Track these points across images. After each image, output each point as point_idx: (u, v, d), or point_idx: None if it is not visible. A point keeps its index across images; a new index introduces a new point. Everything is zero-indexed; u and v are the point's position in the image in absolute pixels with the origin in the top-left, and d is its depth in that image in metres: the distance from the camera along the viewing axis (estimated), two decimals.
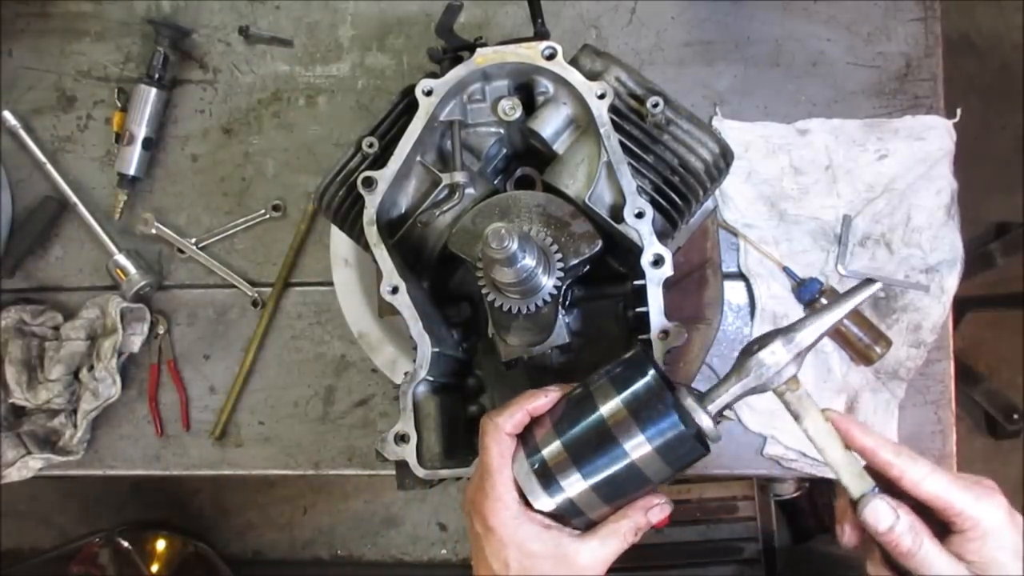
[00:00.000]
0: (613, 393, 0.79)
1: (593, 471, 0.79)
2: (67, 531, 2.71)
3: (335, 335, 1.41)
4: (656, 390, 0.78)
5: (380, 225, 0.98)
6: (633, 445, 0.77)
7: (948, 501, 0.72)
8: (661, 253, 0.94)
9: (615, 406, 0.79)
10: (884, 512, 0.72)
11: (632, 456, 0.77)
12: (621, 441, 0.77)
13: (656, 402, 0.78)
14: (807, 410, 0.76)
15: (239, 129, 1.46)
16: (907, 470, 0.74)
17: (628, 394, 0.79)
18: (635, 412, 0.78)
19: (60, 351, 1.38)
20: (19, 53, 1.50)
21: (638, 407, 0.78)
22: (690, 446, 0.77)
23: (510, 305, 0.96)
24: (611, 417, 0.79)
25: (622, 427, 0.78)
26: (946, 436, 1.31)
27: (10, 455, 1.36)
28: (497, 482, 0.82)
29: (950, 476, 0.74)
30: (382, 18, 1.44)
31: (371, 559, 2.75)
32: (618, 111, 1.00)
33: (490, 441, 0.83)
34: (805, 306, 1.30)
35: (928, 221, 1.30)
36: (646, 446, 0.77)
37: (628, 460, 0.78)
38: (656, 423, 0.77)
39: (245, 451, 1.43)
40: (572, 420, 0.81)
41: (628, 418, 0.78)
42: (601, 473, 0.79)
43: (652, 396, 0.78)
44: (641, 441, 0.77)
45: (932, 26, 1.36)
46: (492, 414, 0.85)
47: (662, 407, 0.77)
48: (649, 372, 0.79)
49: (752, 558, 2.02)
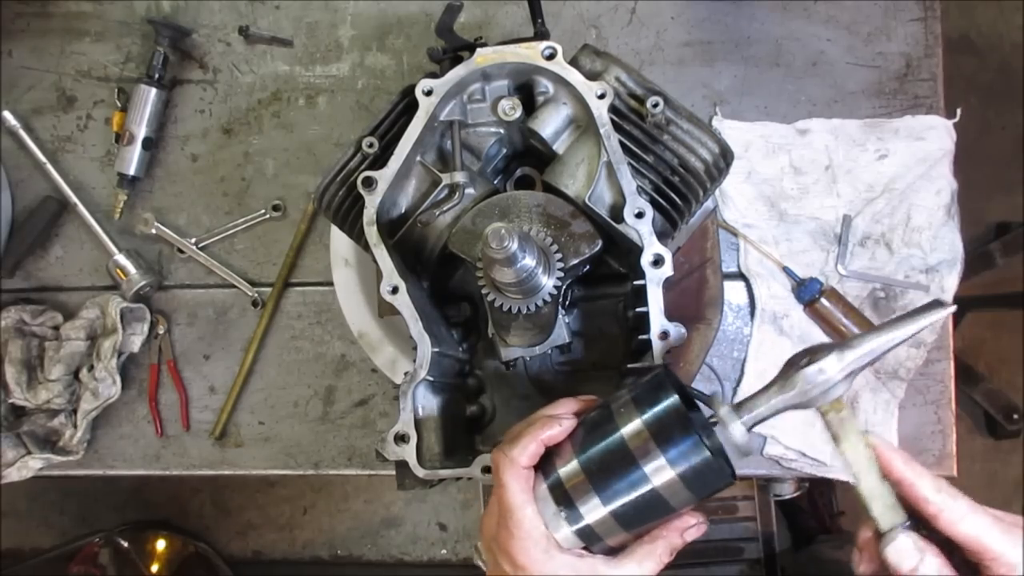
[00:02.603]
0: (635, 415, 0.76)
1: (614, 497, 0.76)
2: (67, 531, 2.71)
3: (335, 335, 1.41)
4: (678, 411, 0.74)
5: (380, 225, 0.98)
6: (655, 470, 0.74)
7: (985, 544, 0.68)
8: (661, 253, 0.94)
9: (635, 426, 0.75)
10: (908, 552, 0.68)
11: (655, 483, 0.74)
12: (643, 467, 0.74)
13: (681, 425, 0.74)
14: (848, 433, 0.72)
15: (239, 129, 1.46)
16: (945, 508, 0.69)
17: (651, 419, 0.75)
18: (657, 436, 0.74)
19: (60, 351, 1.38)
20: (19, 53, 1.50)
21: (661, 432, 0.74)
22: (716, 473, 0.73)
23: (510, 305, 0.96)
24: (630, 436, 0.75)
25: (644, 452, 0.74)
26: (946, 436, 1.31)
27: (10, 455, 1.36)
28: (521, 519, 0.78)
29: (989, 518, 0.69)
30: (382, 18, 1.44)
31: (371, 559, 2.76)
32: (618, 111, 1.00)
33: (508, 478, 0.79)
34: (805, 306, 1.30)
35: (928, 221, 1.30)
36: (669, 472, 0.74)
37: (651, 487, 0.75)
38: (678, 443, 0.73)
39: (245, 451, 1.43)
40: (592, 438, 0.77)
41: (651, 443, 0.74)
42: (622, 500, 0.76)
43: (675, 418, 0.74)
44: (664, 467, 0.74)
45: (932, 26, 1.36)
46: (505, 448, 0.81)
47: (685, 430, 0.73)
48: (673, 394, 0.75)
49: (752, 558, 2.02)
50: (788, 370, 0.73)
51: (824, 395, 0.71)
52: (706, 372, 1.31)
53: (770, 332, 1.32)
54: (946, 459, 1.31)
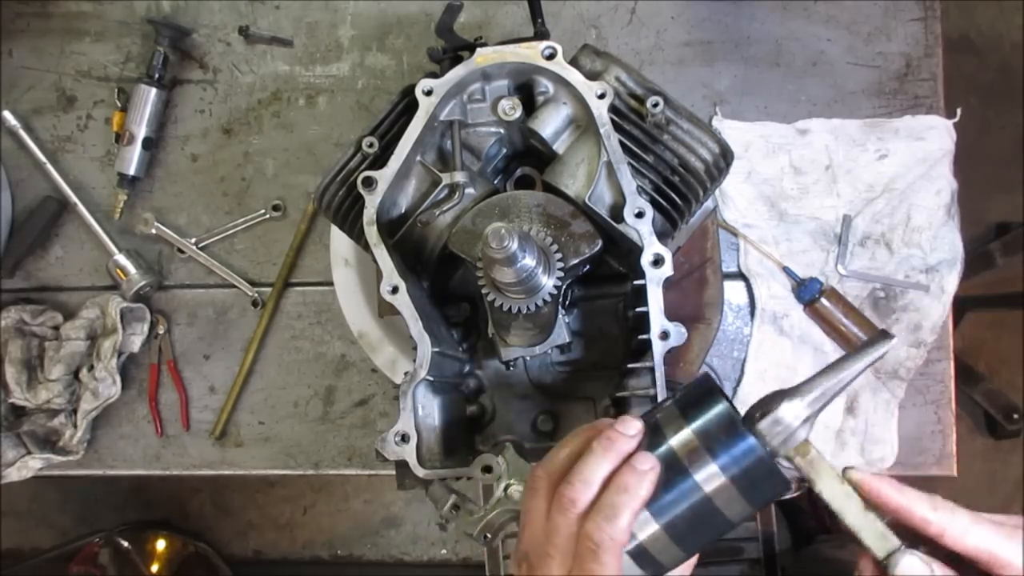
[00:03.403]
0: (683, 423, 0.72)
1: (665, 511, 0.72)
2: (67, 531, 2.71)
3: (335, 335, 1.41)
4: (729, 416, 0.71)
5: (380, 225, 0.98)
6: (707, 478, 0.71)
7: (994, 553, 0.67)
8: (661, 253, 0.94)
9: (683, 435, 0.72)
10: (918, 567, 0.67)
11: (707, 490, 0.71)
12: (694, 475, 0.71)
13: (729, 426, 0.71)
14: (821, 474, 0.70)
15: (239, 129, 1.46)
16: (947, 526, 0.67)
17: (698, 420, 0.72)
18: (708, 442, 0.71)
19: (60, 351, 1.38)
20: (19, 53, 1.50)
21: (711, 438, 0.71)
22: (770, 475, 0.70)
23: (510, 305, 0.96)
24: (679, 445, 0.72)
25: (694, 460, 0.71)
26: (946, 436, 1.31)
27: (10, 455, 1.37)
28: None
29: (992, 525, 0.68)
30: (382, 18, 1.44)
31: (371, 559, 2.75)
32: (618, 111, 1.00)
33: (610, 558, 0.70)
34: (805, 306, 1.30)
35: (928, 221, 1.30)
36: (721, 478, 0.70)
37: (702, 494, 0.71)
38: (728, 444, 0.70)
39: (245, 451, 1.43)
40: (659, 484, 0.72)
41: (697, 444, 0.71)
42: (674, 512, 0.72)
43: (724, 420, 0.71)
44: (716, 473, 0.70)
45: (932, 26, 1.36)
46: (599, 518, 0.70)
47: (734, 430, 0.71)
48: (721, 400, 0.72)
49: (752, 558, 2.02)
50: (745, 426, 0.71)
51: (786, 444, 0.70)
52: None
53: (770, 332, 1.32)
54: (946, 459, 1.31)
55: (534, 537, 0.74)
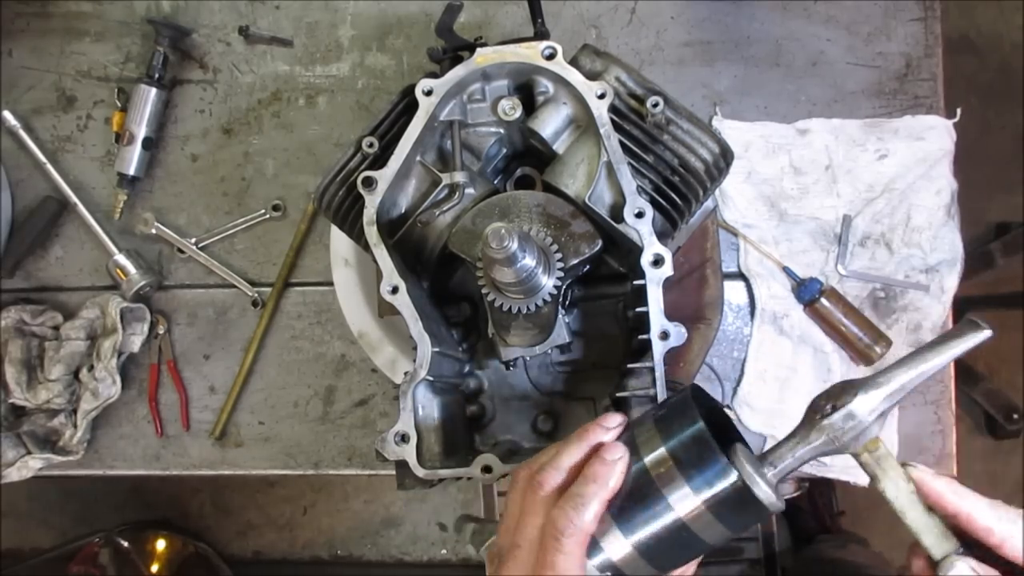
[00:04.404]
0: (656, 437, 0.71)
1: (636, 529, 0.70)
2: (67, 531, 2.71)
3: (335, 335, 1.41)
4: (703, 437, 0.68)
5: (380, 225, 0.98)
6: (676, 496, 0.69)
7: None
8: (661, 253, 0.94)
9: (658, 454, 0.70)
10: (968, 573, 0.65)
11: (680, 515, 0.69)
12: (664, 492, 0.69)
13: (705, 451, 0.68)
14: (887, 471, 0.67)
15: (239, 129, 1.46)
16: (1008, 536, 0.65)
17: (673, 439, 0.70)
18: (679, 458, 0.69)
19: (60, 351, 1.38)
20: (19, 53, 1.50)
21: (683, 453, 0.69)
22: (747, 498, 0.67)
23: (510, 305, 0.96)
24: (652, 464, 0.70)
25: (665, 478, 0.69)
26: (946, 436, 1.31)
27: (10, 455, 1.36)
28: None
29: None
30: (382, 18, 1.44)
31: (371, 559, 2.76)
32: (618, 111, 1.00)
33: (574, 546, 0.69)
34: (805, 306, 1.30)
35: (928, 221, 1.30)
36: (695, 502, 0.68)
37: (676, 518, 0.69)
38: (703, 470, 0.68)
39: (245, 451, 1.43)
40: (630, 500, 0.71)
41: (671, 465, 0.69)
42: (646, 533, 0.70)
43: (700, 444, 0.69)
44: (684, 489, 0.68)
45: (932, 26, 1.36)
46: (567, 505, 0.70)
47: (711, 456, 0.68)
48: (698, 419, 0.70)
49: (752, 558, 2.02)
50: (812, 416, 0.68)
51: (856, 440, 0.67)
52: (706, 372, 1.31)
53: (770, 332, 1.32)
54: (946, 459, 1.31)
55: (507, 531, 0.74)
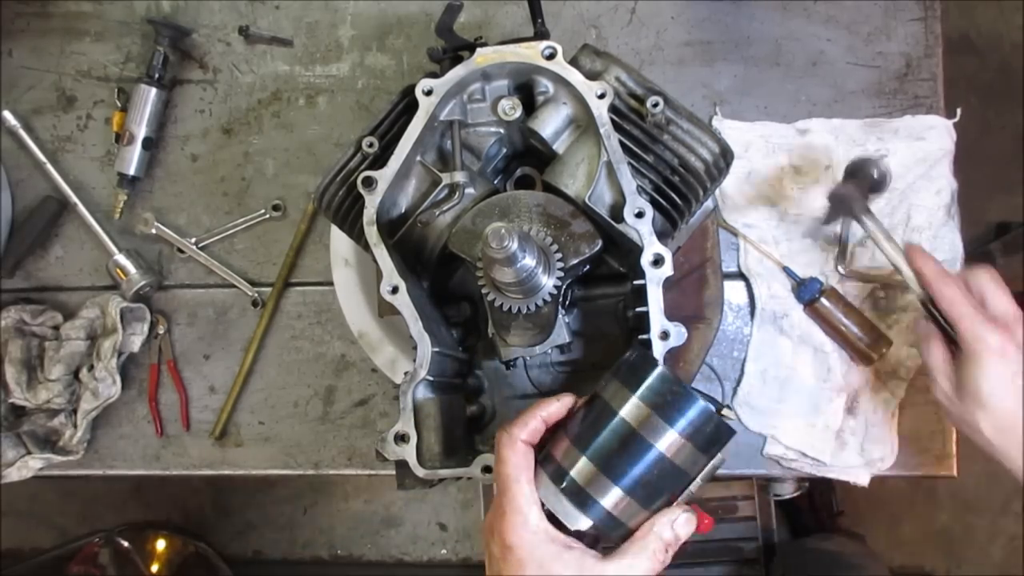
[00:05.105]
0: (628, 393, 0.78)
1: (626, 477, 0.76)
2: (67, 531, 2.71)
3: (335, 335, 1.41)
4: (670, 379, 0.77)
5: (380, 225, 0.98)
6: (662, 440, 0.76)
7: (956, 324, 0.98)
8: (661, 253, 0.94)
9: (634, 405, 0.77)
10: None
11: (663, 450, 0.76)
12: (648, 439, 0.76)
13: (674, 391, 0.77)
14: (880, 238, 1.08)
15: (239, 129, 1.46)
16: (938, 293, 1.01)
17: (644, 390, 0.77)
18: (655, 406, 0.76)
19: (60, 351, 1.38)
20: (19, 53, 1.50)
21: (657, 400, 0.76)
22: (716, 424, 0.76)
23: (510, 305, 0.96)
24: (632, 417, 0.77)
25: (646, 424, 0.76)
26: (946, 436, 1.31)
27: (10, 455, 1.36)
28: (515, 494, 0.77)
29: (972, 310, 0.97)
30: (382, 18, 1.44)
31: (371, 559, 2.76)
32: (618, 111, 1.00)
33: (505, 451, 0.78)
34: (805, 306, 1.30)
35: (928, 221, 1.30)
36: (674, 436, 0.76)
37: (659, 456, 0.76)
38: (680, 410, 0.76)
39: (245, 451, 1.43)
40: (593, 430, 0.78)
41: (650, 413, 0.76)
42: (635, 477, 0.76)
43: (668, 386, 0.77)
44: (669, 433, 0.76)
45: (932, 26, 1.36)
46: (505, 424, 0.81)
47: (681, 393, 0.76)
48: (657, 365, 0.78)
49: (752, 558, 2.02)
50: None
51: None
52: (706, 372, 1.31)
53: (770, 332, 1.32)
54: (946, 459, 1.31)
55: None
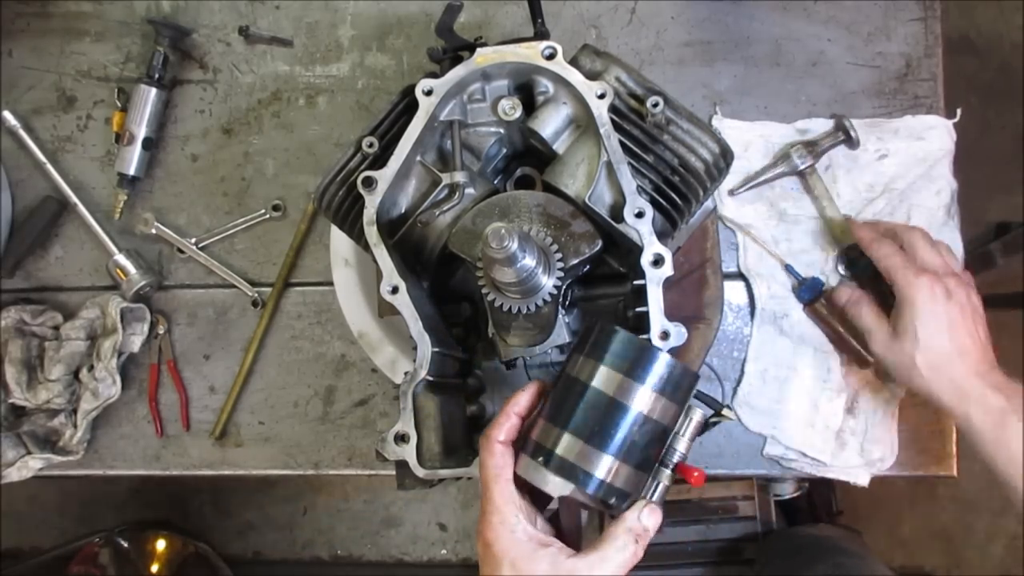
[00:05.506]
0: (595, 363, 0.81)
1: (612, 443, 0.78)
2: (67, 531, 2.71)
3: (335, 335, 1.41)
4: (632, 339, 0.81)
5: (380, 225, 0.98)
6: (636, 399, 0.79)
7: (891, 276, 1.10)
8: (661, 253, 0.94)
9: (603, 373, 0.80)
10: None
11: (641, 409, 0.79)
12: (624, 401, 0.79)
13: (637, 349, 0.80)
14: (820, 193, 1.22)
15: (239, 129, 1.46)
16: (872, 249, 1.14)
17: (609, 356, 0.80)
18: (623, 369, 0.79)
19: (60, 351, 1.38)
20: (19, 53, 1.50)
21: (623, 364, 0.80)
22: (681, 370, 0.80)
23: (510, 305, 0.96)
24: (604, 384, 0.80)
25: (619, 388, 0.79)
26: (946, 436, 1.31)
27: (10, 455, 1.36)
28: (493, 494, 0.79)
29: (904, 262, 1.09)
30: (382, 18, 1.44)
31: (371, 559, 2.76)
32: (618, 111, 1.00)
33: (483, 455, 0.81)
34: (805, 306, 1.30)
35: (928, 221, 1.30)
36: (648, 392, 0.79)
37: (638, 415, 0.79)
38: (645, 367, 0.79)
39: (245, 451, 1.43)
40: (570, 406, 0.80)
41: (620, 377, 0.79)
42: (621, 441, 0.78)
43: (630, 346, 0.80)
44: (641, 390, 0.79)
45: (932, 26, 1.36)
46: (485, 430, 0.84)
47: (644, 350, 0.80)
48: (617, 329, 0.81)
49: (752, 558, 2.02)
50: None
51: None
52: (706, 372, 1.31)
53: (770, 332, 1.32)
54: (946, 459, 1.31)
55: None
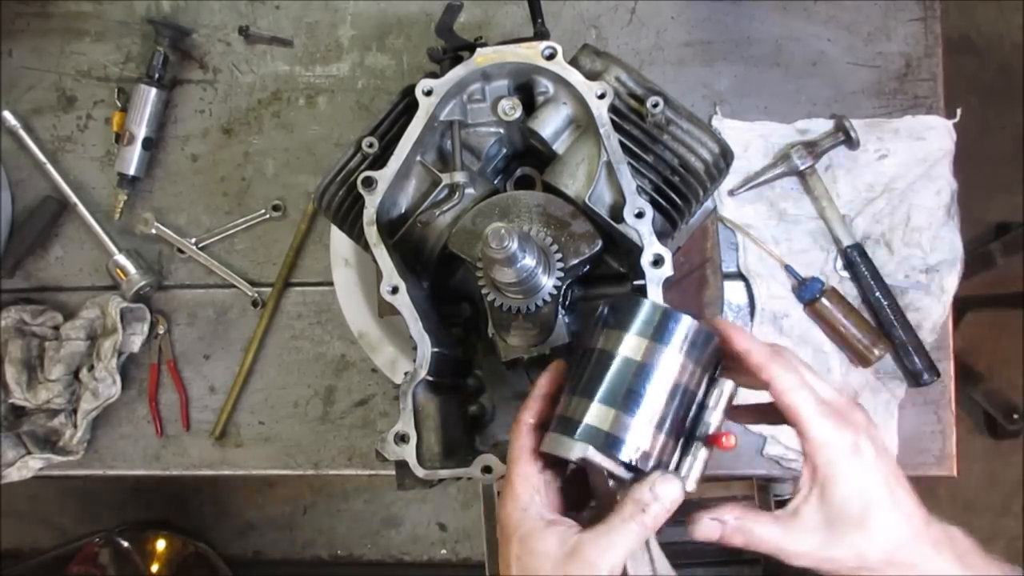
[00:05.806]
0: (621, 333, 0.77)
1: (640, 408, 0.76)
2: (67, 531, 2.71)
3: (335, 335, 1.41)
4: (656, 305, 0.78)
5: (380, 225, 0.98)
6: (664, 363, 0.76)
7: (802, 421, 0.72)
8: (661, 253, 0.94)
9: (631, 340, 0.77)
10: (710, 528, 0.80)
11: (667, 372, 0.76)
12: (651, 362, 0.76)
13: (662, 315, 0.77)
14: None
15: (239, 129, 1.46)
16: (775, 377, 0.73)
17: (637, 324, 0.77)
18: (650, 336, 0.76)
19: (60, 351, 1.38)
20: (19, 53, 1.50)
21: (650, 330, 0.77)
22: (705, 333, 0.77)
23: (510, 305, 0.96)
24: (633, 352, 0.77)
25: (648, 354, 0.76)
26: (946, 436, 1.31)
27: (10, 455, 1.37)
28: (511, 474, 0.78)
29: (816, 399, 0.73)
30: (382, 18, 1.44)
31: (371, 559, 2.76)
32: (618, 111, 1.00)
33: (511, 437, 0.80)
34: (805, 306, 1.30)
35: (928, 221, 1.30)
36: (676, 356, 0.76)
37: (664, 375, 0.76)
38: (671, 330, 0.76)
39: (245, 451, 1.43)
40: (598, 377, 0.77)
41: (648, 343, 0.76)
42: (651, 406, 0.76)
43: (655, 313, 0.77)
44: (667, 353, 0.76)
45: (932, 26, 1.36)
46: (517, 414, 0.83)
47: (668, 315, 0.76)
48: (641, 299, 0.79)
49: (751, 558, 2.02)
50: None
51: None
52: None
53: (770, 332, 1.32)
54: (946, 459, 1.31)
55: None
